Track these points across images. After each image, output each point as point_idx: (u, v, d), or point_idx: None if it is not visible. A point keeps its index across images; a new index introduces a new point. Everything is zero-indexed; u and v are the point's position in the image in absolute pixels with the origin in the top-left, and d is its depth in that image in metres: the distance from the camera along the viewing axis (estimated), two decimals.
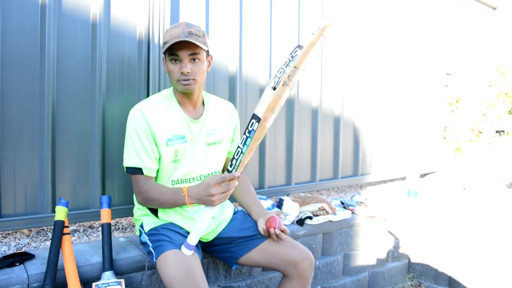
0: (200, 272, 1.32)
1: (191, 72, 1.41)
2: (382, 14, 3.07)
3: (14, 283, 1.28)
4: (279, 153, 2.48)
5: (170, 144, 1.45)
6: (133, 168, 1.44)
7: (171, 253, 1.34)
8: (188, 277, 1.27)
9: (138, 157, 1.43)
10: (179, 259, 1.32)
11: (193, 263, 1.33)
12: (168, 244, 1.37)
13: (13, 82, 1.56)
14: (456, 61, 4.53)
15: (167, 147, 1.45)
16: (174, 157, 1.48)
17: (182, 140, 1.48)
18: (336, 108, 2.80)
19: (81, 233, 1.79)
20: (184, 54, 1.40)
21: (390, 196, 2.94)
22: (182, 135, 1.48)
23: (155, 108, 1.46)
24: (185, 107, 1.51)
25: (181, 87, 1.44)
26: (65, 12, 1.65)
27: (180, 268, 1.29)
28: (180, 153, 1.48)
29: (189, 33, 1.39)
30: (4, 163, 1.56)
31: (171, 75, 1.45)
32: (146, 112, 1.43)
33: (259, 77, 2.33)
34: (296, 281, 1.53)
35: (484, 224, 2.63)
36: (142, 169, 1.43)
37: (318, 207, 2.15)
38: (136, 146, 1.43)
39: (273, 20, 2.38)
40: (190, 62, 1.41)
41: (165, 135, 1.45)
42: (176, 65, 1.42)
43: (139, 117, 1.43)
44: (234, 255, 1.58)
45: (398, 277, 2.62)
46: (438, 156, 3.72)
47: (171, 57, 1.41)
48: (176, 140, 1.47)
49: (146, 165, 1.43)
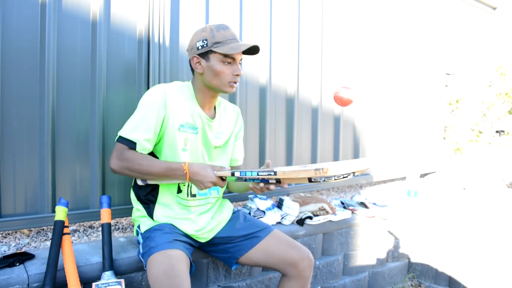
0: (181, 272, 1.28)
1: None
2: (382, 14, 3.07)
3: (14, 283, 1.28)
4: (279, 153, 2.48)
5: (182, 130, 1.46)
6: (128, 140, 1.39)
7: (154, 256, 1.33)
8: (165, 277, 1.26)
9: (138, 131, 1.39)
10: (160, 260, 1.31)
11: (174, 262, 1.30)
12: (153, 249, 1.36)
13: (13, 82, 1.56)
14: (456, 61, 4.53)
15: (178, 132, 1.45)
16: (184, 145, 1.47)
17: (194, 130, 1.49)
18: (336, 108, 2.80)
19: (81, 233, 1.79)
20: (239, 57, 1.46)
21: (390, 196, 2.94)
22: (195, 126, 1.49)
23: (177, 93, 1.47)
24: (203, 107, 1.53)
25: (229, 89, 1.47)
26: (65, 11, 1.65)
27: (159, 269, 1.28)
28: (189, 143, 1.49)
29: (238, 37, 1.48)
30: (4, 163, 1.56)
31: (220, 76, 1.44)
32: (169, 93, 1.44)
33: (259, 76, 2.33)
34: (295, 281, 1.53)
35: (484, 224, 2.63)
36: (136, 144, 1.39)
37: (318, 207, 2.15)
38: (141, 121, 1.40)
39: (273, 20, 2.38)
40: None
41: (179, 120, 1.45)
42: (229, 66, 1.44)
43: (160, 96, 1.42)
44: (233, 255, 1.58)
45: (398, 277, 2.62)
46: (438, 156, 3.72)
47: (226, 59, 1.43)
48: (188, 129, 1.47)
49: (142, 141, 1.40)
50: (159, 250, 1.34)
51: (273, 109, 2.41)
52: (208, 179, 1.37)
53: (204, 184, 1.38)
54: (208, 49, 1.43)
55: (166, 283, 1.25)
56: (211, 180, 1.37)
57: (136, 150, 1.40)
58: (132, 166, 1.38)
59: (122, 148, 1.40)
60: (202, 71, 1.46)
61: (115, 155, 1.40)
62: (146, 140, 1.40)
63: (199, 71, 1.47)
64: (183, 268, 1.30)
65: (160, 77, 1.89)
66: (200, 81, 1.50)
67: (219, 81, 1.45)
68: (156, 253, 1.33)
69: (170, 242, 1.38)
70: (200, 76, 1.49)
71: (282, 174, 1.27)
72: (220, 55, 1.42)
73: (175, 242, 1.39)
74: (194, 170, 1.38)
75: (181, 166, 1.39)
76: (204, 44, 1.43)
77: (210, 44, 1.42)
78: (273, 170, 1.28)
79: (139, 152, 1.40)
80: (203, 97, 1.52)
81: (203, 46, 1.44)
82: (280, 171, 1.27)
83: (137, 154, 1.40)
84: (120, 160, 1.39)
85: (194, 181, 1.40)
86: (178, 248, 1.36)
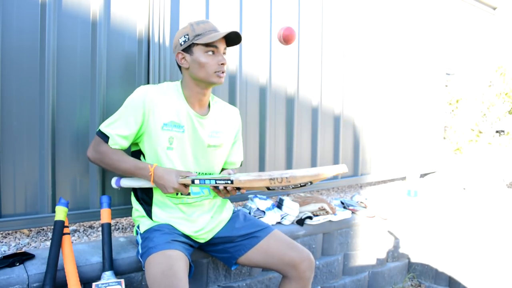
0: (178, 271, 1.28)
1: (226, 64, 1.48)
2: (382, 14, 3.07)
3: (14, 283, 1.28)
4: (279, 153, 2.48)
5: (166, 129, 1.47)
6: (103, 134, 1.46)
7: (152, 256, 1.33)
8: (163, 277, 1.26)
9: (113, 127, 1.45)
10: (158, 260, 1.31)
11: (172, 262, 1.30)
12: (151, 249, 1.35)
13: (13, 81, 1.55)
14: (456, 61, 4.53)
15: (162, 131, 1.46)
16: (169, 144, 1.48)
17: (179, 129, 1.49)
18: (336, 108, 2.80)
19: (81, 233, 1.79)
20: (222, 46, 1.48)
21: (390, 196, 2.94)
22: (180, 124, 1.49)
23: (161, 93, 1.49)
24: (192, 104, 1.53)
25: (215, 79, 1.48)
26: (65, 11, 1.65)
27: (157, 269, 1.28)
28: (175, 142, 1.49)
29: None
30: (4, 163, 1.55)
31: (205, 68, 1.45)
32: (150, 92, 1.47)
33: (259, 76, 2.33)
34: (296, 283, 1.52)
35: (484, 224, 2.63)
36: (109, 139, 1.45)
37: (318, 207, 2.15)
38: (119, 119, 1.46)
39: (273, 20, 2.38)
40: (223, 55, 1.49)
41: (162, 119, 1.46)
42: (212, 57, 1.46)
43: (140, 95, 1.46)
44: (233, 255, 1.57)
45: (398, 277, 2.62)
46: (438, 156, 3.72)
47: (209, 48, 1.45)
48: (172, 127, 1.48)
49: (115, 138, 1.45)
50: (158, 251, 1.33)
51: (273, 109, 2.41)
52: (170, 185, 1.40)
53: (167, 189, 1.41)
54: (190, 43, 1.46)
55: (164, 283, 1.24)
56: (173, 186, 1.40)
57: (108, 144, 1.45)
58: (104, 159, 1.48)
59: (99, 141, 1.48)
60: (188, 66, 1.49)
61: (92, 146, 1.51)
62: (119, 136, 1.45)
63: (185, 66, 1.49)
64: (181, 268, 1.30)
65: (160, 77, 1.89)
66: (188, 77, 1.51)
67: (205, 72, 1.46)
68: (155, 253, 1.33)
69: (168, 242, 1.37)
70: (186, 71, 1.51)
71: (238, 183, 1.37)
72: (202, 46, 1.45)
73: (173, 243, 1.39)
74: (159, 174, 1.41)
75: (147, 166, 1.43)
76: (186, 38, 1.47)
77: (192, 38, 1.46)
78: (230, 179, 1.38)
79: (111, 146, 1.45)
80: (192, 94, 1.52)
81: (185, 41, 1.47)
82: (236, 179, 1.37)
83: (109, 149, 1.46)
84: (95, 151, 1.49)
85: (158, 184, 1.43)
86: (176, 249, 1.35)
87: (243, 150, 1.77)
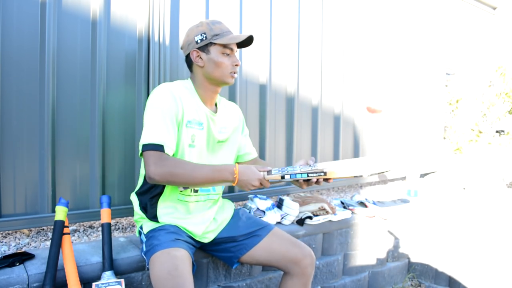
0: (184, 272, 1.28)
1: None
2: (382, 14, 3.07)
3: (14, 283, 1.28)
4: (279, 153, 2.48)
5: (189, 126, 1.46)
6: (154, 145, 1.32)
7: (157, 254, 1.33)
8: (168, 277, 1.25)
9: (160, 134, 1.34)
10: (163, 259, 1.30)
11: (177, 262, 1.29)
12: (157, 247, 1.35)
13: (13, 81, 1.56)
14: (456, 61, 4.53)
15: (186, 128, 1.45)
16: (191, 141, 1.47)
17: (200, 126, 1.50)
18: (336, 107, 2.80)
19: (81, 233, 1.79)
20: (235, 48, 1.51)
21: (390, 196, 2.94)
22: (200, 122, 1.50)
23: (182, 90, 1.47)
24: (205, 102, 1.54)
25: (230, 80, 1.51)
26: (65, 11, 1.65)
27: (162, 268, 1.28)
28: (196, 139, 1.49)
29: None
30: (4, 163, 1.55)
31: (221, 68, 1.47)
32: (175, 91, 1.43)
33: (259, 75, 2.33)
34: (297, 279, 1.53)
35: (484, 224, 2.63)
36: (163, 146, 1.32)
37: (318, 207, 2.15)
38: (159, 123, 1.35)
39: (273, 19, 2.38)
40: None
41: (187, 116, 1.45)
42: (228, 58, 1.48)
43: (168, 95, 1.40)
44: (235, 255, 1.58)
45: (398, 277, 2.62)
46: (438, 156, 3.72)
47: (226, 50, 1.47)
48: (194, 125, 1.48)
49: (168, 143, 1.35)
50: (163, 248, 1.33)
51: (273, 108, 2.41)
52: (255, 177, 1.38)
53: (251, 182, 1.38)
54: (207, 42, 1.46)
55: (170, 284, 1.25)
56: (258, 178, 1.38)
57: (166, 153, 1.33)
58: (175, 170, 1.32)
59: (156, 154, 1.31)
60: (203, 64, 1.48)
61: (152, 163, 1.30)
62: (170, 141, 1.37)
63: (200, 65, 1.48)
64: (186, 268, 1.30)
65: (160, 76, 1.89)
66: (201, 76, 1.51)
67: (220, 72, 1.48)
68: (159, 251, 1.33)
69: (173, 241, 1.37)
70: (200, 70, 1.50)
71: (332, 174, 1.36)
72: (219, 46, 1.46)
73: (178, 241, 1.39)
74: (242, 170, 1.38)
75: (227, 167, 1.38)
76: (203, 37, 1.46)
77: (210, 37, 1.46)
78: (323, 171, 1.36)
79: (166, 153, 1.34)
80: (205, 92, 1.53)
81: (202, 39, 1.47)
82: (330, 171, 1.35)
83: (176, 159, 1.36)
84: (160, 166, 1.30)
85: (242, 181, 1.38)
86: (181, 247, 1.35)
87: None
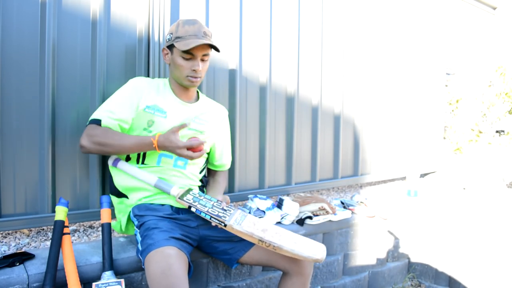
0: (178, 271, 1.27)
1: (201, 70, 1.52)
2: (382, 14, 3.07)
3: (14, 283, 1.28)
4: (279, 153, 2.48)
5: (147, 111, 1.52)
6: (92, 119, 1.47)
7: (151, 254, 1.32)
8: (162, 277, 1.25)
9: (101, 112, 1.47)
10: (158, 258, 1.29)
11: (171, 261, 1.28)
12: (151, 246, 1.34)
13: (13, 81, 1.55)
14: (456, 61, 4.53)
15: (144, 112, 1.51)
16: (147, 126, 1.52)
17: (162, 114, 1.54)
18: (336, 108, 2.80)
19: (81, 233, 1.79)
20: (199, 53, 1.50)
21: (390, 196, 2.94)
22: (163, 110, 1.54)
23: (150, 82, 1.59)
24: (179, 95, 1.61)
25: (187, 83, 1.54)
26: (65, 10, 1.65)
27: (156, 268, 1.27)
28: (155, 126, 1.52)
29: (204, 33, 1.50)
30: (4, 163, 1.55)
31: (179, 70, 1.52)
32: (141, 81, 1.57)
33: (259, 75, 2.33)
34: (296, 278, 1.53)
35: (484, 224, 2.63)
36: (101, 121, 1.45)
37: (318, 207, 2.15)
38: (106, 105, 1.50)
39: (273, 19, 2.38)
40: (201, 61, 1.51)
41: (147, 102, 1.52)
42: (188, 61, 1.50)
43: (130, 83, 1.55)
44: (233, 257, 1.58)
45: (398, 277, 2.62)
46: (438, 156, 3.72)
47: (185, 54, 1.49)
48: (155, 111, 1.53)
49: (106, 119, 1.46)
50: (157, 247, 1.33)
51: (273, 108, 2.41)
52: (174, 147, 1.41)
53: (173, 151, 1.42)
54: (171, 43, 1.51)
55: (164, 283, 1.24)
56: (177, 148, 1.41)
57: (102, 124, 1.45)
58: (103, 140, 1.43)
59: (91, 126, 1.46)
60: (169, 63, 1.57)
61: (84, 134, 1.46)
62: (110, 118, 1.46)
63: (167, 62, 1.58)
64: (180, 267, 1.29)
65: (160, 75, 1.89)
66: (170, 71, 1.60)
67: (178, 73, 1.54)
68: (154, 250, 1.32)
69: (167, 239, 1.37)
70: (169, 66, 1.59)
71: (230, 229, 1.42)
72: (182, 51, 1.49)
73: (171, 240, 1.39)
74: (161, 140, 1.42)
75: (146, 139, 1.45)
76: (170, 37, 1.53)
77: (173, 38, 1.51)
78: (224, 222, 1.42)
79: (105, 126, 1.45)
80: (177, 87, 1.60)
81: (169, 39, 1.53)
82: (229, 226, 1.41)
83: (106, 129, 1.45)
84: (91, 136, 1.44)
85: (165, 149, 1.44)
86: (175, 246, 1.35)
87: (243, 149, 1.78)
